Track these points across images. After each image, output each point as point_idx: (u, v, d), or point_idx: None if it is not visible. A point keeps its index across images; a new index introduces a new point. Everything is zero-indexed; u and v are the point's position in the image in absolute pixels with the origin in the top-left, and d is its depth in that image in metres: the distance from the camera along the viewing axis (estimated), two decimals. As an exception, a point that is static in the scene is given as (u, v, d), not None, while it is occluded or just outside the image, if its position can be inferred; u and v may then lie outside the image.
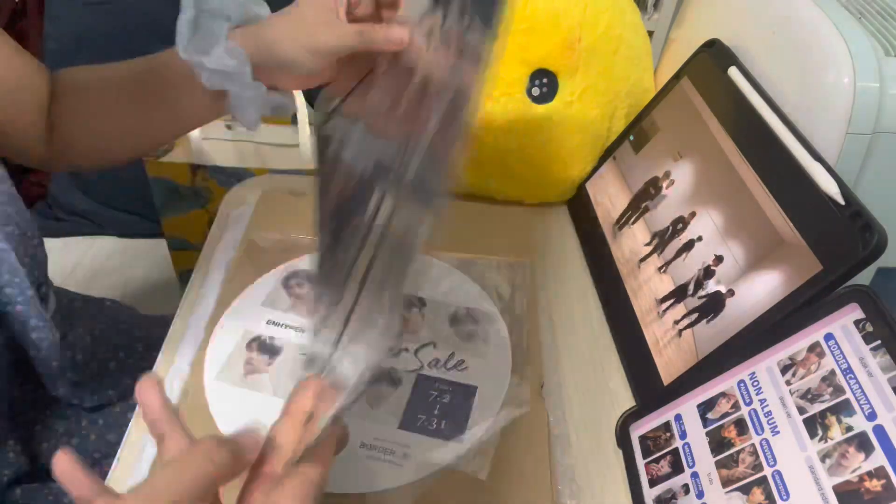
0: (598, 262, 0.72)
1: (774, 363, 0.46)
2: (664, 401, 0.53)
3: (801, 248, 0.49)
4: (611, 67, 0.74)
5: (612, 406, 0.59)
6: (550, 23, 0.70)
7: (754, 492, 0.43)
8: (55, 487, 0.57)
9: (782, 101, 0.58)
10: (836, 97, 0.54)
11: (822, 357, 0.43)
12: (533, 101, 0.73)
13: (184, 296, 0.65)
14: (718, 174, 0.60)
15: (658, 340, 0.59)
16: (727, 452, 0.46)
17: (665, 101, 0.71)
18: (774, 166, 0.54)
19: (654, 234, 0.65)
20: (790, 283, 0.49)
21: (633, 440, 0.54)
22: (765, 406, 0.45)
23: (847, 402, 0.40)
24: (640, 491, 0.50)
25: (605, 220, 0.73)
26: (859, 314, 0.42)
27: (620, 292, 0.66)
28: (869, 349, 0.40)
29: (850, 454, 0.39)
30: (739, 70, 0.62)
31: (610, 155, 0.77)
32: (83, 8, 1.07)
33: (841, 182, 0.49)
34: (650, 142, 0.71)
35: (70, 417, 0.61)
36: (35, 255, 0.58)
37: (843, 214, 0.47)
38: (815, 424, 0.41)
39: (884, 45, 0.56)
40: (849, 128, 0.53)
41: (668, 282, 0.61)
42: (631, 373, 0.61)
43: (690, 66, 0.69)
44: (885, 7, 0.61)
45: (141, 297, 1.07)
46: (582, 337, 0.65)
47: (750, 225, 0.54)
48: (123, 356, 0.66)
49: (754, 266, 0.53)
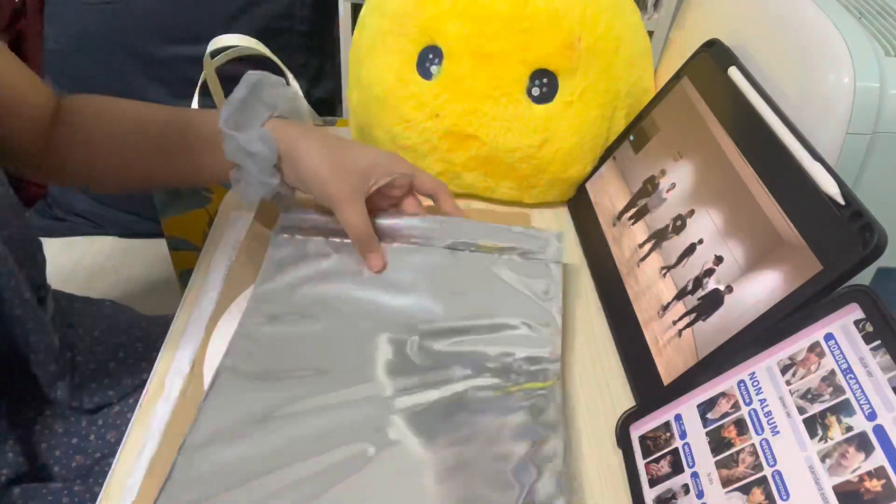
0: (598, 262, 0.72)
1: (774, 363, 0.46)
2: (664, 401, 0.53)
3: (801, 248, 0.49)
4: (611, 67, 0.74)
5: (612, 406, 0.59)
6: (550, 23, 0.70)
7: (754, 492, 0.43)
8: (54, 487, 0.57)
9: (782, 101, 0.58)
10: (836, 97, 0.54)
11: (822, 357, 0.43)
12: (533, 101, 0.73)
13: (184, 296, 0.65)
14: (718, 174, 0.60)
15: (658, 340, 0.59)
16: (727, 452, 0.46)
17: (665, 101, 0.71)
18: (774, 166, 0.54)
19: (653, 234, 0.65)
20: (790, 282, 0.49)
21: (633, 440, 0.54)
22: (765, 406, 0.45)
23: (847, 402, 0.40)
24: (640, 491, 0.50)
25: (605, 220, 0.73)
26: (859, 314, 0.42)
27: (620, 292, 0.66)
28: (869, 349, 0.40)
29: (850, 454, 0.39)
30: (739, 70, 0.62)
31: (610, 155, 0.77)
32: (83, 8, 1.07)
33: (841, 182, 0.49)
34: (650, 142, 0.71)
35: (69, 417, 0.61)
36: (34, 258, 0.58)
37: (843, 214, 0.47)
38: (815, 424, 0.41)
39: (884, 45, 0.56)
40: (849, 128, 0.53)
41: (668, 281, 0.61)
42: (631, 373, 0.61)
43: (690, 66, 0.69)
44: (885, 7, 0.61)
45: (141, 297, 1.07)
46: (582, 337, 0.65)
47: (750, 225, 0.54)
48: (123, 356, 0.66)
49: (754, 266, 0.53)
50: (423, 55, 0.74)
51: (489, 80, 0.72)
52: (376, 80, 0.77)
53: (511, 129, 0.73)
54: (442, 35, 0.72)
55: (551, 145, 0.74)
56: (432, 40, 0.73)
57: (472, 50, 0.71)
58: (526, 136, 0.73)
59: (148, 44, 1.08)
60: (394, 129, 0.77)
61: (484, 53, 0.71)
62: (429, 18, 0.72)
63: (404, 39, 0.74)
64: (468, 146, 0.75)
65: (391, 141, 0.78)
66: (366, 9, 0.81)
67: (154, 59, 1.08)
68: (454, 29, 0.71)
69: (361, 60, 0.79)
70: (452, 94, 0.73)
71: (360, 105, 0.81)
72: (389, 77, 0.75)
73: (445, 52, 0.73)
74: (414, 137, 0.76)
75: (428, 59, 0.74)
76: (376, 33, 0.77)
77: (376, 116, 0.78)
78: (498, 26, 0.70)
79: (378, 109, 0.77)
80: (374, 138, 0.80)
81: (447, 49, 0.72)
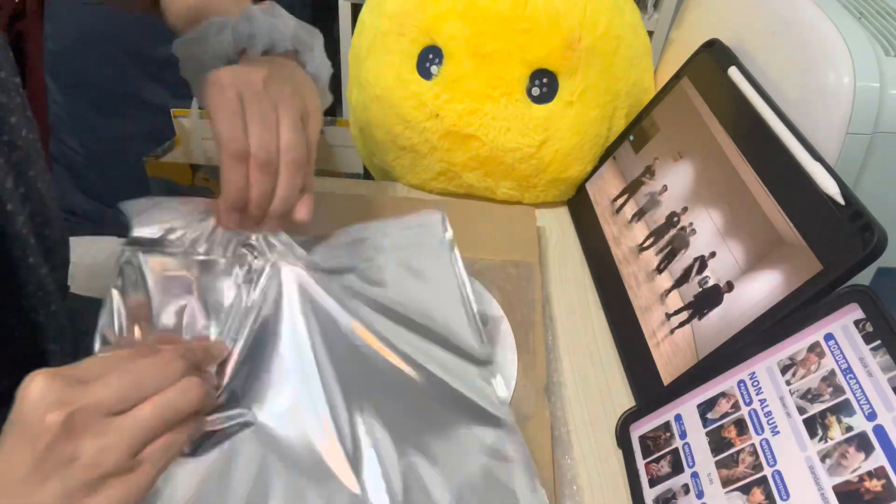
0: (598, 262, 0.72)
1: (774, 363, 0.46)
2: (664, 401, 0.53)
3: (801, 247, 0.49)
4: (611, 67, 0.74)
5: (612, 406, 0.59)
6: (550, 23, 0.70)
7: (754, 492, 0.43)
8: None
9: (782, 101, 0.58)
10: (836, 97, 0.54)
11: (822, 357, 0.43)
12: (533, 101, 0.73)
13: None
14: (718, 174, 0.60)
15: (658, 340, 0.59)
16: (727, 452, 0.46)
17: (665, 101, 0.71)
18: (774, 166, 0.54)
19: (651, 233, 0.65)
20: (790, 282, 0.49)
21: (633, 440, 0.54)
22: (765, 406, 0.45)
23: (847, 402, 0.40)
24: (640, 491, 0.50)
25: (604, 220, 0.73)
26: (859, 314, 0.42)
27: (620, 292, 0.66)
28: (869, 349, 0.40)
29: (850, 454, 0.39)
30: (739, 70, 0.62)
31: (610, 155, 0.77)
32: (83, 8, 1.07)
33: (841, 182, 0.49)
34: (650, 142, 0.71)
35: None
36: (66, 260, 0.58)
37: (843, 214, 0.47)
38: (815, 424, 0.41)
39: (884, 45, 0.56)
40: (849, 128, 0.53)
41: (667, 280, 0.61)
42: (631, 373, 0.61)
43: (690, 66, 0.69)
44: (885, 7, 0.61)
45: (141, 298, 1.07)
46: (582, 337, 0.65)
47: (750, 225, 0.54)
48: None
49: (754, 266, 0.53)
50: (423, 55, 0.74)
51: (489, 80, 0.72)
52: (376, 80, 0.77)
53: (511, 129, 0.73)
54: (442, 35, 0.72)
55: (551, 145, 0.74)
56: (432, 40, 0.73)
57: (472, 50, 0.71)
58: (526, 136, 0.73)
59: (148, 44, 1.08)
60: (394, 129, 0.77)
61: (484, 53, 0.71)
62: (429, 18, 0.72)
63: (404, 39, 0.74)
64: (468, 146, 0.75)
65: (391, 141, 0.78)
66: (366, 9, 0.81)
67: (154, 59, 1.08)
68: (454, 29, 0.71)
69: (361, 60, 0.79)
70: (452, 94, 0.73)
71: (360, 105, 0.81)
72: (389, 77, 0.75)
73: (445, 52, 0.73)
74: (414, 137, 0.76)
75: (428, 59, 0.74)
76: (376, 33, 0.77)
77: (376, 116, 0.78)
78: (498, 26, 0.70)
79: (378, 109, 0.77)
80: (374, 138, 0.80)
81: (447, 49, 0.72)
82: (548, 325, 0.65)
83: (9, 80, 0.50)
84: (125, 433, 0.33)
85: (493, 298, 0.65)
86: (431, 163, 0.77)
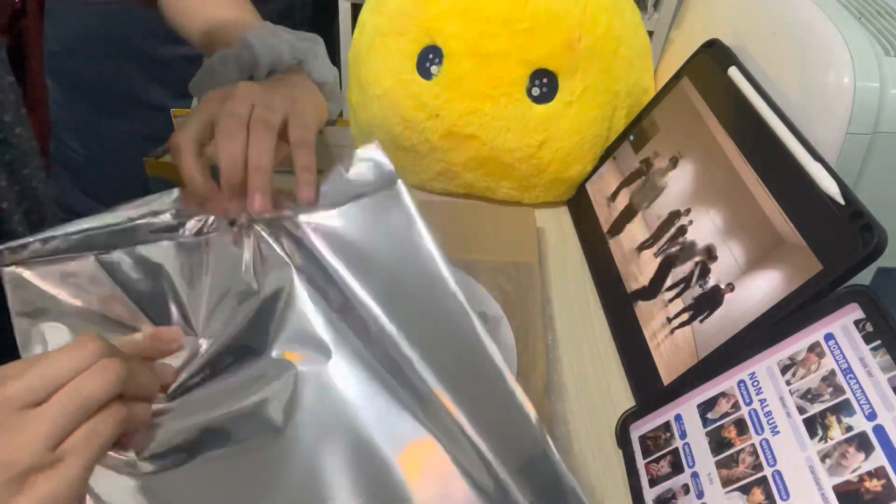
0: (598, 262, 0.72)
1: (774, 363, 0.46)
2: (664, 401, 0.53)
3: (801, 247, 0.49)
4: (611, 67, 0.74)
5: (612, 406, 0.59)
6: (550, 23, 0.70)
7: (754, 492, 0.43)
8: None
9: (782, 101, 0.58)
10: (836, 97, 0.54)
11: (822, 357, 0.43)
12: (533, 101, 0.73)
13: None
14: (718, 174, 0.60)
15: (658, 340, 0.59)
16: (727, 452, 0.46)
17: (665, 101, 0.71)
18: (774, 166, 0.54)
19: (651, 233, 0.65)
20: (790, 282, 0.48)
21: (633, 440, 0.54)
22: (765, 406, 0.45)
23: (847, 402, 0.40)
24: (640, 491, 0.50)
25: (604, 220, 0.73)
26: (859, 314, 0.42)
27: (620, 292, 0.66)
28: (869, 349, 0.40)
29: (850, 454, 0.39)
30: (739, 70, 0.62)
31: (610, 155, 0.77)
32: (83, 8, 1.07)
33: (841, 182, 0.49)
34: (650, 142, 0.71)
35: None
36: None
37: (843, 214, 0.47)
38: (815, 424, 0.41)
39: (884, 45, 0.56)
40: (849, 128, 0.53)
41: (667, 280, 0.61)
42: (631, 373, 0.61)
43: (690, 66, 0.69)
44: (885, 7, 0.61)
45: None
46: (582, 337, 0.65)
47: (750, 225, 0.54)
48: None
49: (754, 266, 0.53)
50: (423, 55, 0.74)
51: (489, 80, 0.72)
52: (376, 80, 0.77)
53: (511, 129, 0.73)
54: (442, 35, 0.72)
55: (551, 145, 0.74)
56: (432, 40, 0.73)
57: (472, 50, 0.71)
58: (526, 136, 0.73)
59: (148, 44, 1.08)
60: (394, 129, 0.77)
61: (484, 53, 0.71)
62: (429, 18, 0.72)
63: (404, 39, 0.74)
64: (468, 146, 0.75)
65: (391, 141, 0.78)
66: (366, 9, 0.81)
67: (154, 59, 1.08)
68: (454, 29, 0.71)
69: (361, 60, 0.79)
70: (452, 94, 0.73)
71: (360, 105, 0.81)
72: (389, 77, 0.75)
73: (445, 52, 0.73)
74: (414, 137, 0.76)
75: (428, 59, 0.74)
76: (376, 33, 0.77)
77: (376, 116, 0.78)
78: (498, 26, 0.70)
79: (378, 109, 0.77)
80: (373, 138, 0.80)
81: (447, 49, 0.72)
82: (548, 325, 0.65)
83: (2, 78, 0.50)
84: (38, 426, 0.32)
85: (493, 299, 0.65)
86: (431, 163, 0.77)
